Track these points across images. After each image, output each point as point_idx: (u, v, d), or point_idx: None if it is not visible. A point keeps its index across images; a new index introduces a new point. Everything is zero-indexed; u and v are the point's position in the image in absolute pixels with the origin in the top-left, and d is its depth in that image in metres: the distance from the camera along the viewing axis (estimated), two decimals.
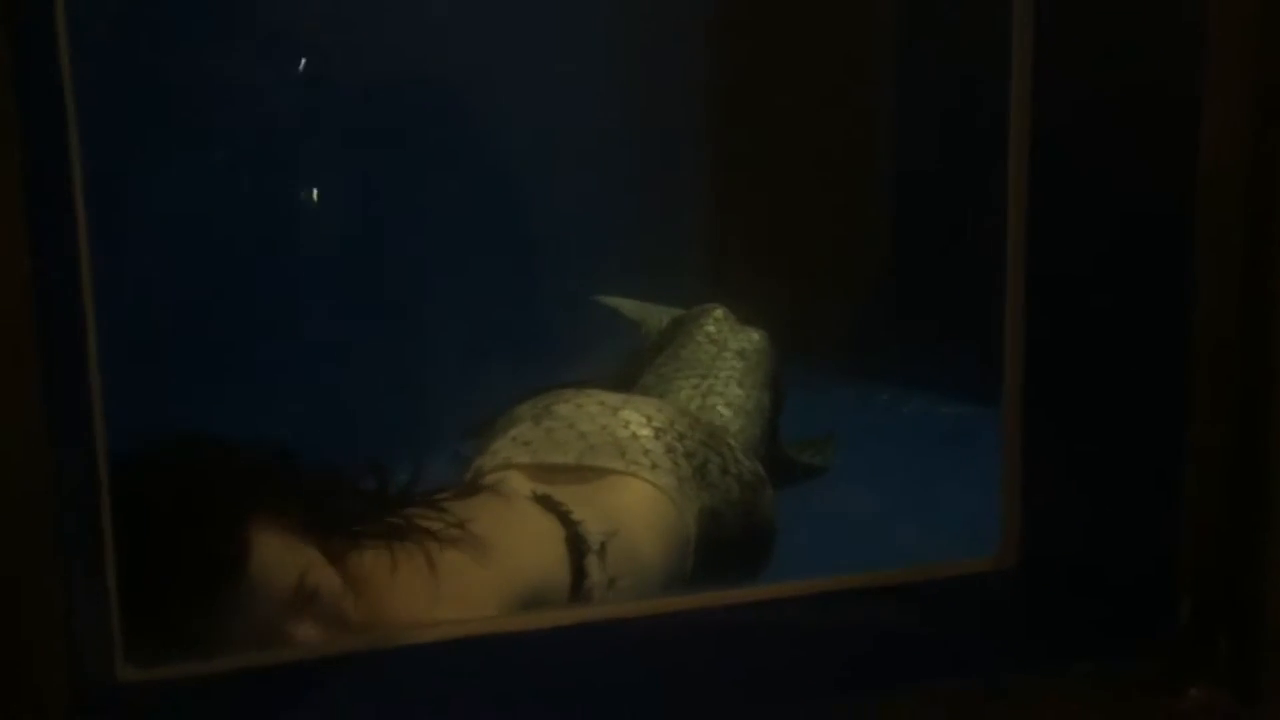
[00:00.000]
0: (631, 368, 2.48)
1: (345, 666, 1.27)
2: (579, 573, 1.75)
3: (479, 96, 2.59)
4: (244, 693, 1.24)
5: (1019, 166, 1.36)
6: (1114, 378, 1.34)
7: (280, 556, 1.52)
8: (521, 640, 1.32)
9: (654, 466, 1.94)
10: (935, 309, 2.79)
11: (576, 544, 1.77)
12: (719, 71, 3.05)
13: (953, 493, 1.93)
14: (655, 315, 2.70)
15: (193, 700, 1.22)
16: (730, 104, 3.05)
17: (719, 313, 2.52)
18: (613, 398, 2.09)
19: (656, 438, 1.99)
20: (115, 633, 1.19)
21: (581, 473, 1.94)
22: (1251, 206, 1.19)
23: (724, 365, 2.36)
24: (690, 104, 3.07)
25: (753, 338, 2.45)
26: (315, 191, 2.46)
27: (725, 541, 1.98)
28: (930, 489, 2.24)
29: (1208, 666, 1.28)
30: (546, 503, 1.83)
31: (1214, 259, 1.20)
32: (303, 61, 2.38)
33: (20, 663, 1.07)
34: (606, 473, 1.94)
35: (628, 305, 2.78)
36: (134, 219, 2.04)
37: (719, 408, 2.27)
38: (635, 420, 2.02)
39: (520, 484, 1.89)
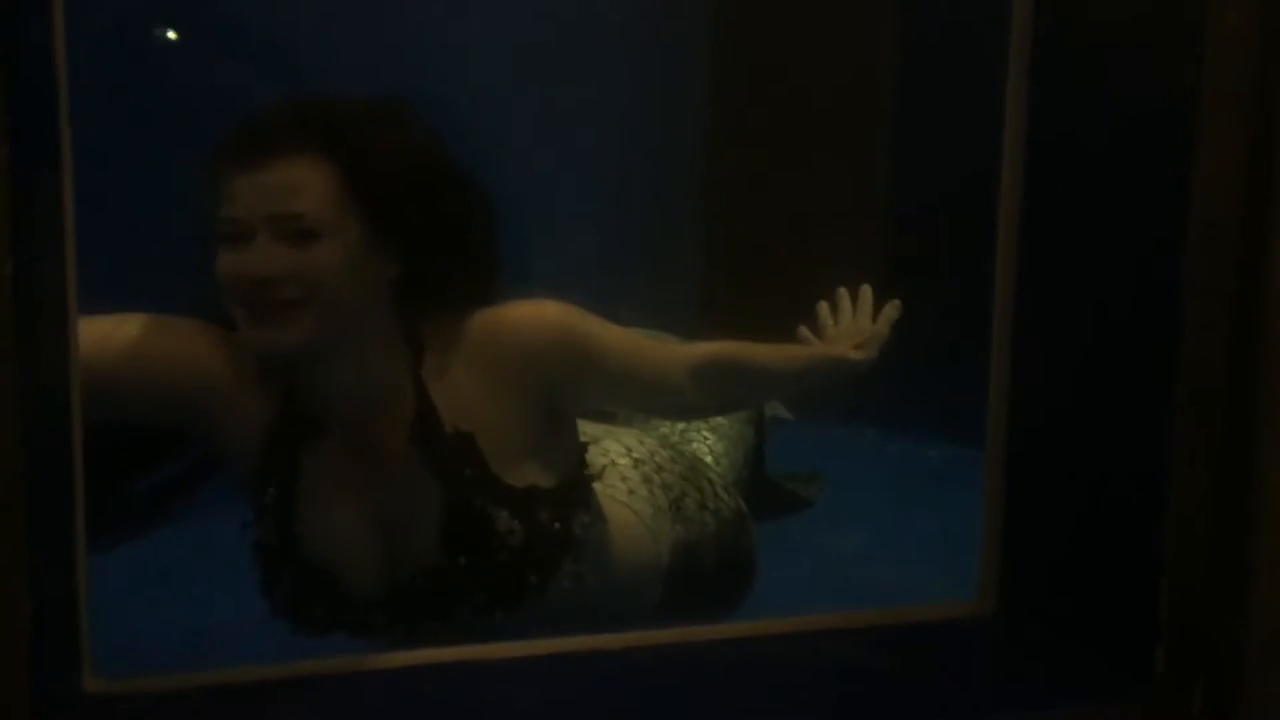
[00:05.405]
0: None
1: (310, 686, 1.26)
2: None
3: (478, 118, 2.60)
4: (209, 707, 1.22)
5: (1010, 218, 1.36)
6: (1098, 428, 1.33)
7: None
8: (495, 668, 1.31)
9: (630, 492, 1.94)
10: (924, 350, 2.79)
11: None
12: (716, 109, 3.07)
13: (934, 535, 1.92)
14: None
15: (159, 713, 1.21)
16: (724, 144, 3.06)
17: None
18: (594, 429, 2.09)
19: (635, 467, 1.99)
20: (83, 642, 1.18)
21: None
22: (1241, 256, 1.19)
23: None
24: (686, 143, 3.09)
25: None
26: None
27: (700, 575, 1.97)
28: (911, 530, 2.24)
29: (1184, 715, 1.27)
30: None
31: (1202, 312, 1.20)
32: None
33: None
34: None
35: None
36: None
37: (703, 430, 2.28)
38: (615, 450, 2.02)
39: None
